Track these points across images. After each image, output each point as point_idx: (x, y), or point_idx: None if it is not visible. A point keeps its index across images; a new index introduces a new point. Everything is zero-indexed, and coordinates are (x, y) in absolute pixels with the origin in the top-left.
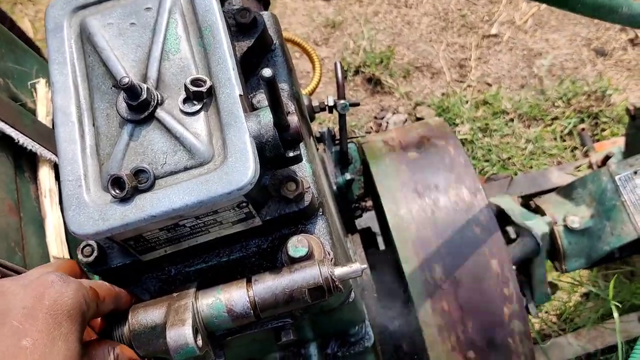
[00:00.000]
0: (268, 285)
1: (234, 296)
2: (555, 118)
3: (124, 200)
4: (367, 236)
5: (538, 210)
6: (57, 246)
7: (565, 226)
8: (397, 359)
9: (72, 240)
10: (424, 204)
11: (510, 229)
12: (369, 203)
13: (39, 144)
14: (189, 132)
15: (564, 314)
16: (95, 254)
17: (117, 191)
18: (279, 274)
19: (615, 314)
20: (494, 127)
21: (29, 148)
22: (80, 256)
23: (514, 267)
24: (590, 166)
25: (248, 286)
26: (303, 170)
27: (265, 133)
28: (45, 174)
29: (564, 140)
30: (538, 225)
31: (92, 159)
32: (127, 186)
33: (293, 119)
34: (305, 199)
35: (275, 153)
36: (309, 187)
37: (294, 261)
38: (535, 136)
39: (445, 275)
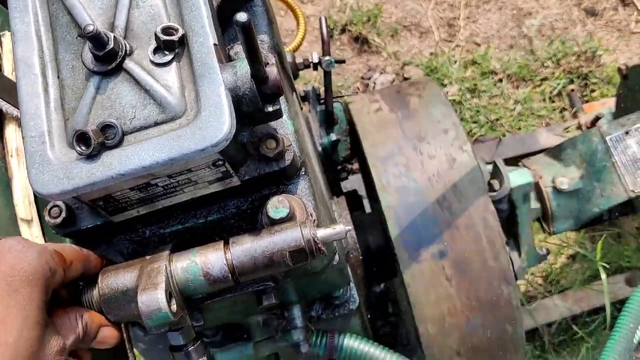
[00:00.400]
0: (247, 247)
1: (211, 259)
2: (545, 79)
3: (90, 157)
4: (353, 199)
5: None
6: (24, 208)
7: (554, 187)
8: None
9: (42, 201)
10: (411, 165)
11: (494, 182)
12: (356, 166)
13: (4, 100)
14: (160, 85)
15: (550, 275)
16: (63, 215)
17: (83, 148)
18: (258, 236)
19: (603, 275)
20: (483, 88)
21: None
22: (47, 217)
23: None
24: (579, 127)
25: (225, 248)
26: (284, 127)
27: (242, 85)
28: (12, 132)
29: (553, 102)
30: (521, 177)
31: (56, 113)
32: (93, 142)
33: (272, 70)
34: (286, 158)
35: (253, 107)
36: (290, 145)
37: (274, 223)
38: (524, 97)
39: (432, 238)
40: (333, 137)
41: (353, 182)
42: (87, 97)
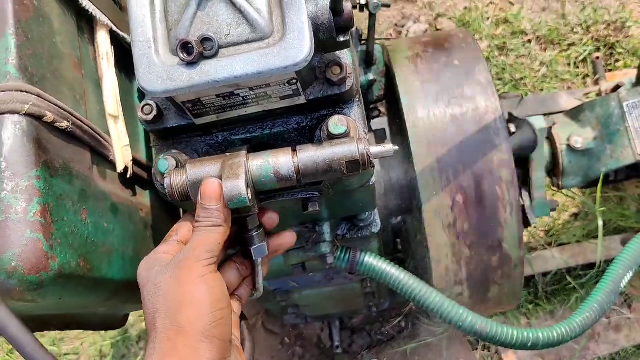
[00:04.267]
0: (311, 154)
1: (281, 160)
2: (572, 44)
3: (190, 64)
4: (378, 138)
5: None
6: (113, 105)
7: (568, 145)
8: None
9: (126, 101)
10: (440, 108)
11: (510, 125)
12: (382, 110)
13: (97, 7)
14: (252, 8)
15: (551, 230)
16: (154, 113)
17: (185, 55)
18: (320, 146)
19: (600, 222)
20: (511, 47)
21: (90, 11)
22: (140, 114)
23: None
24: (599, 94)
25: (293, 154)
26: (345, 57)
27: (322, 16)
28: (102, 37)
29: (577, 67)
30: (537, 121)
31: (161, 23)
32: (195, 51)
33: (347, 5)
34: (347, 83)
35: (328, 36)
36: (351, 73)
37: (332, 137)
38: (550, 60)
39: (455, 176)
40: (370, 76)
41: (377, 125)
42: (189, 12)
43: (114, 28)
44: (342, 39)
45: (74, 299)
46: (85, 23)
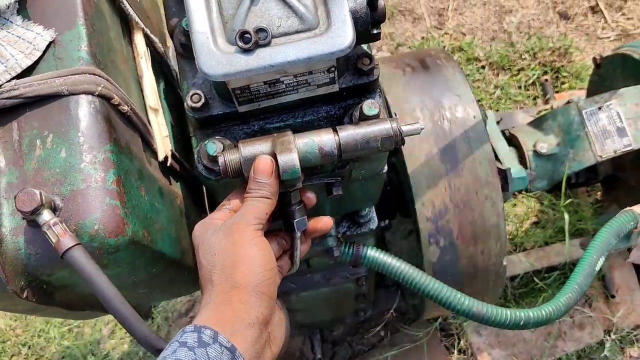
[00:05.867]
0: (351, 132)
1: (324, 138)
2: (522, 69)
3: (247, 51)
4: None
5: (512, 139)
6: (154, 99)
7: (535, 151)
8: None
9: (165, 91)
10: (428, 114)
11: None
12: None
13: (133, 10)
14: (300, 3)
15: (515, 237)
16: (202, 101)
17: (243, 43)
18: (358, 125)
19: (566, 216)
20: (467, 72)
21: (129, 12)
22: (189, 101)
23: None
24: None
25: (334, 132)
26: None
27: (360, 10)
28: (140, 39)
29: (528, 90)
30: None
31: (216, 17)
32: (252, 40)
33: (381, 2)
34: (374, 73)
35: (364, 28)
36: (378, 64)
37: (366, 119)
38: (503, 83)
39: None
40: None
41: None
42: (244, 7)
43: (147, 31)
44: (375, 31)
45: (134, 270)
46: (125, 24)
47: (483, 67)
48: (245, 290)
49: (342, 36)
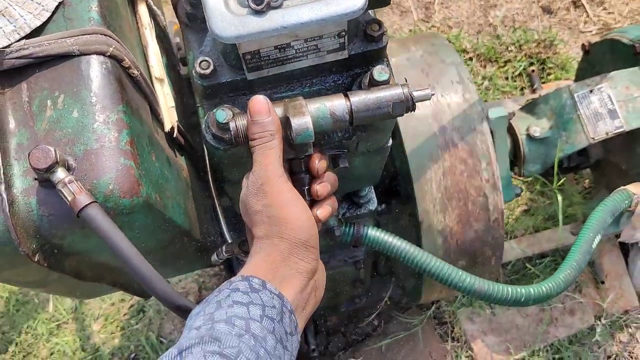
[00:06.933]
0: (362, 97)
1: (335, 103)
2: (508, 61)
3: (259, 12)
4: None
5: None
6: (159, 69)
7: (528, 135)
8: None
9: (167, 65)
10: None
11: None
12: None
13: None
14: None
15: (506, 225)
16: (211, 68)
17: (255, 5)
18: (369, 91)
19: (559, 197)
20: None
21: None
22: (198, 68)
23: None
24: None
25: (346, 97)
26: None
27: None
28: (143, 10)
29: (515, 81)
30: (498, 109)
31: None
32: (264, 0)
33: None
34: (384, 40)
35: None
36: (386, 30)
37: (376, 84)
38: (490, 75)
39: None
40: None
41: None
42: None
43: (150, 2)
44: None
45: (147, 235)
46: None
47: (471, 58)
48: (295, 245)
49: None
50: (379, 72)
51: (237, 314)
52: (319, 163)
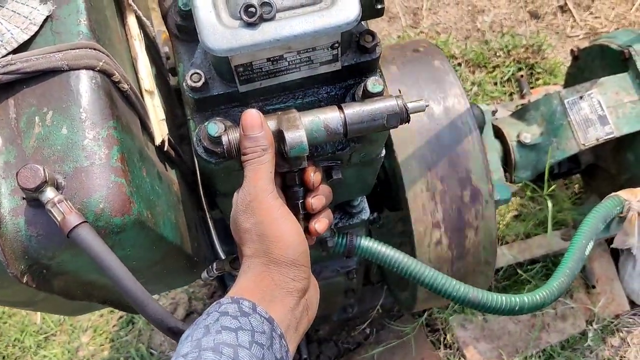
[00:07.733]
0: (356, 109)
1: (329, 116)
2: (497, 66)
3: (251, 25)
4: None
5: (496, 130)
6: (149, 81)
7: (519, 141)
8: None
9: (156, 76)
10: None
11: None
12: None
13: None
14: None
15: (497, 231)
16: (202, 80)
17: (247, 17)
18: (363, 103)
19: (549, 204)
20: None
21: None
22: (189, 81)
23: None
24: None
25: (340, 110)
26: None
27: None
28: (133, 21)
29: (504, 86)
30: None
31: None
32: (257, 13)
33: None
34: (377, 51)
35: (368, 2)
36: (380, 41)
37: (370, 96)
38: (479, 80)
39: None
40: None
41: None
42: None
43: (140, 14)
44: (379, 6)
45: (137, 253)
46: (117, 5)
47: (459, 64)
48: (283, 264)
49: (349, 9)
50: (372, 84)
51: (225, 341)
52: (314, 176)
